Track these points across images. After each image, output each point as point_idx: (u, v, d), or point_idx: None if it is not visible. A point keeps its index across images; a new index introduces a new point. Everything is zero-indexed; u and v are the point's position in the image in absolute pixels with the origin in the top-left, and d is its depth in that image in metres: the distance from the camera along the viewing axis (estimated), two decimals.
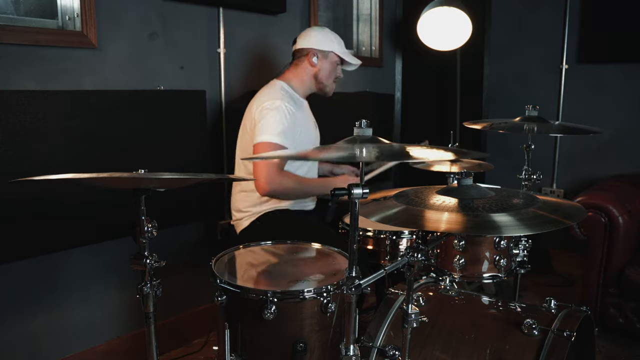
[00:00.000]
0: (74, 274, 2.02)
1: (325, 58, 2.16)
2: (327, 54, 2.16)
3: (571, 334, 1.24)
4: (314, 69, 2.16)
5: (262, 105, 2.02)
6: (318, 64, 2.15)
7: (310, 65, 2.16)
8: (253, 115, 2.05)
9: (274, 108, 2.00)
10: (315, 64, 2.15)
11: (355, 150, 1.06)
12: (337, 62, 2.19)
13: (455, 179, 1.90)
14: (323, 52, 2.15)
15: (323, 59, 2.16)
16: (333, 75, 2.20)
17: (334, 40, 2.18)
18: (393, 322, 1.42)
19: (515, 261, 1.78)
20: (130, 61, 2.09)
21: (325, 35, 2.17)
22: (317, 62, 2.15)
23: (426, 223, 1.04)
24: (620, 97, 3.01)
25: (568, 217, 1.05)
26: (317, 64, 2.15)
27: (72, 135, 1.89)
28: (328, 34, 2.19)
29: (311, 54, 2.14)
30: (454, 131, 2.12)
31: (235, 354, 1.36)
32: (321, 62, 2.16)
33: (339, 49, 2.18)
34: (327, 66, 2.17)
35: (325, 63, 2.16)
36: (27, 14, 1.86)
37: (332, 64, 2.17)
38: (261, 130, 1.98)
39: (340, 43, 2.20)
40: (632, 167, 2.97)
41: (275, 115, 1.99)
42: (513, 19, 3.36)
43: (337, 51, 2.17)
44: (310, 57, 2.15)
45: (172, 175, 1.19)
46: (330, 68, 2.18)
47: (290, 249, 1.68)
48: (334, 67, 2.19)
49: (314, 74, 2.17)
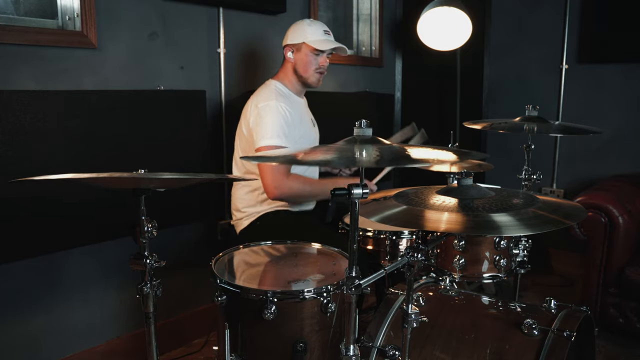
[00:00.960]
0: (74, 274, 2.02)
1: (299, 50, 2.14)
2: (299, 46, 2.14)
3: (571, 334, 1.24)
4: (291, 64, 2.17)
5: (257, 106, 2.04)
6: (293, 57, 2.15)
7: (289, 61, 2.17)
8: (248, 117, 2.07)
9: (268, 109, 2.01)
10: (291, 59, 2.16)
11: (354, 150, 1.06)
12: (313, 52, 2.13)
13: (455, 179, 1.90)
14: (295, 45, 2.14)
15: (297, 51, 2.15)
16: (311, 65, 2.15)
17: (307, 30, 2.13)
18: (393, 322, 1.42)
19: (515, 261, 1.78)
20: (130, 61, 2.09)
21: (298, 28, 2.15)
22: (292, 57, 2.16)
23: (426, 223, 1.04)
24: (620, 97, 3.01)
25: (568, 217, 1.05)
26: (292, 58, 2.16)
27: (72, 135, 1.89)
28: (301, 26, 2.15)
29: (287, 50, 2.16)
30: (454, 131, 2.12)
31: (235, 354, 1.36)
32: (296, 55, 2.15)
33: (311, 38, 2.12)
34: (301, 58, 2.14)
35: (299, 55, 2.15)
36: (27, 14, 1.86)
37: (306, 54, 2.14)
38: (260, 134, 1.99)
39: (314, 32, 2.13)
40: (632, 167, 2.97)
41: (271, 116, 2.00)
42: (513, 19, 3.36)
43: (308, 41, 2.12)
44: (287, 52, 2.17)
45: (172, 175, 1.19)
46: (305, 59, 2.14)
47: (290, 249, 1.68)
48: (310, 57, 2.14)
49: (293, 68, 2.17)
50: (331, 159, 1.02)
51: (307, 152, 1.11)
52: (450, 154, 1.16)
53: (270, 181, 1.97)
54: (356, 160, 1.01)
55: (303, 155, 1.09)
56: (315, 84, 2.21)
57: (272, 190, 1.98)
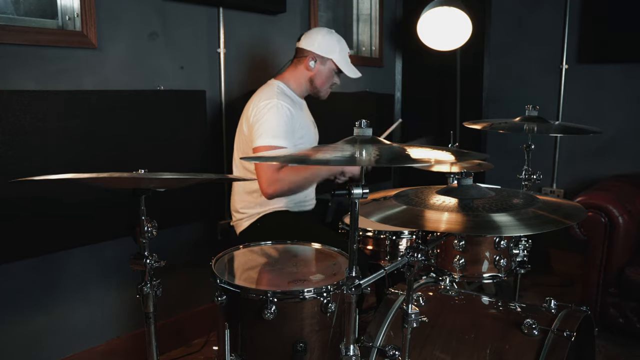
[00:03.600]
0: (74, 274, 2.02)
1: (324, 64, 2.13)
2: (325, 61, 2.13)
3: (571, 334, 1.24)
4: (310, 73, 2.14)
5: (259, 105, 2.00)
6: (315, 68, 2.12)
7: (307, 69, 2.13)
8: (249, 116, 2.03)
9: (270, 108, 1.98)
10: (312, 69, 2.12)
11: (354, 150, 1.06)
12: (334, 70, 2.15)
13: (455, 179, 1.90)
14: (322, 58, 2.12)
15: (321, 64, 2.12)
16: (329, 82, 2.17)
17: (337, 48, 2.12)
18: (393, 322, 1.42)
19: (515, 261, 1.78)
20: (130, 61, 2.09)
21: (329, 41, 2.12)
22: (314, 67, 2.12)
23: (426, 223, 1.04)
24: (620, 97, 3.01)
25: (568, 217, 1.05)
26: (313, 68, 2.12)
27: (72, 135, 1.89)
28: (331, 40, 2.13)
29: (310, 57, 2.11)
30: (454, 131, 2.12)
31: (235, 354, 1.36)
32: (318, 67, 2.12)
33: (338, 58, 2.12)
34: (324, 72, 2.14)
35: (322, 69, 2.13)
36: (27, 14, 1.86)
37: (329, 70, 2.14)
38: (259, 133, 1.96)
39: (342, 51, 2.14)
40: (632, 167, 2.97)
41: (272, 115, 1.97)
42: (513, 19, 3.36)
43: (336, 60, 2.12)
44: (309, 60, 2.12)
45: (172, 175, 1.19)
46: (326, 75, 2.15)
47: (290, 249, 1.68)
48: (331, 74, 2.16)
49: (309, 77, 2.15)
50: (331, 158, 1.02)
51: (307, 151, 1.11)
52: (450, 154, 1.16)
53: (264, 180, 1.94)
54: (356, 160, 1.01)
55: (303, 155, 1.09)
56: (324, 97, 2.23)
57: (266, 188, 1.94)
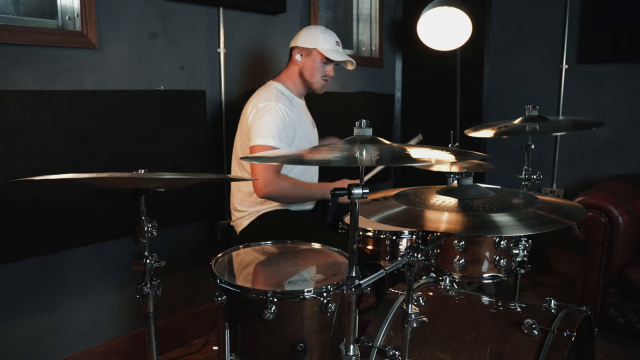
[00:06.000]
0: (74, 274, 2.02)
1: (309, 55, 2.14)
2: (310, 51, 2.14)
3: (571, 334, 1.24)
4: (297, 67, 2.17)
5: (256, 106, 2.04)
6: (301, 61, 2.15)
7: (295, 64, 2.17)
8: (248, 117, 2.07)
9: (267, 110, 2.01)
10: (299, 62, 2.16)
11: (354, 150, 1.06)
12: (322, 60, 2.15)
13: (455, 179, 1.90)
14: (306, 49, 2.14)
15: (306, 56, 2.15)
16: (319, 72, 2.16)
17: (320, 37, 2.13)
18: (393, 322, 1.42)
19: (515, 261, 1.78)
20: (130, 61, 2.09)
21: (312, 32, 2.15)
22: (300, 60, 2.15)
23: (426, 223, 1.04)
24: (620, 97, 3.01)
25: (568, 217, 1.05)
26: (300, 61, 2.15)
27: (72, 135, 1.89)
28: (315, 31, 2.15)
29: (295, 52, 2.16)
30: (454, 131, 2.12)
31: (235, 354, 1.36)
32: (304, 59, 2.15)
33: (323, 46, 2.13)
34: (310, 63, 2.14)
35: (308, 60, 2.15)
36: (27, 14, 1.86)
37: (315, 61, 2.14)
38: (256, 133, 1.99)
39: (327, 39, 2.14)
40: (632, 167, 2.97)
41: (269, 117, 2.00)
42: (513, 19, 3.36)
43: (321, 49, 2.13)
44: (295, 54, 2.16)
45: (172, 175, 1.19)
46: (313, 65, 2.15)
47: (290, 249, 1.68)
48: (319, 64, 2.15)
49: (299, 71, 2.17)
50: (331, 158, 1.02)
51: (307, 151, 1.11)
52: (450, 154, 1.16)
53: (261, 178, 1.96)
54: (356, 160, 1.01)
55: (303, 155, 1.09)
56: (319, 91, 2.22)
57: (261, 187, 1.96)
